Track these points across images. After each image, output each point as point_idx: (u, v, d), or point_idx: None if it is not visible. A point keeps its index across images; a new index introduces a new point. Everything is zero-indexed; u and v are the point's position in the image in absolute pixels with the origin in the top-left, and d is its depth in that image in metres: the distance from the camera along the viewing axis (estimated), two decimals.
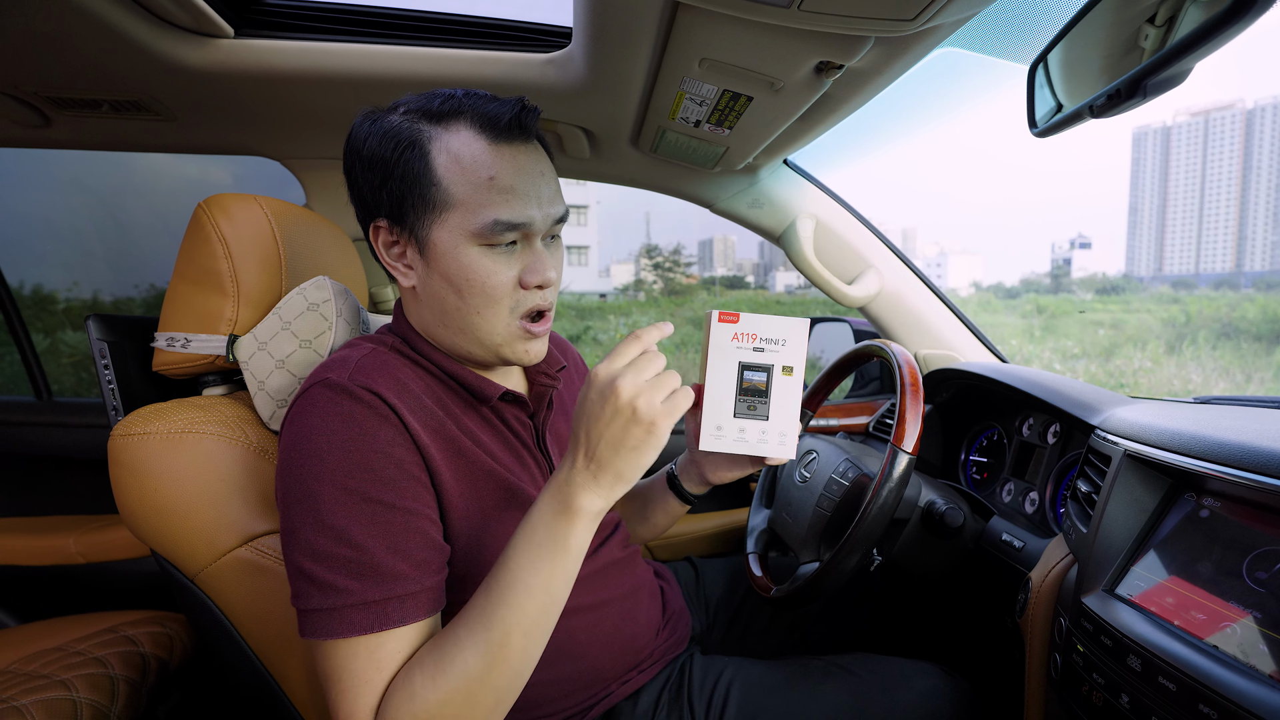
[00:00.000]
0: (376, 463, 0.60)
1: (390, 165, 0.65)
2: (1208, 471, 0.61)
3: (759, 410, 0.66)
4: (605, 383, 0.56)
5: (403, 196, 0.65)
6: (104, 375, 0.86)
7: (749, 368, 0.66)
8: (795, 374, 0.66)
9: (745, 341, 0.65)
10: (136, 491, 0.74)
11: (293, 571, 0.59)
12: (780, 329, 0.66)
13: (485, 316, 0.67)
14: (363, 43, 1.03)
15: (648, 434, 0.55)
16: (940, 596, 1.10)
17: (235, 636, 0.77)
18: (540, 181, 0.67)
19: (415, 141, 0.64)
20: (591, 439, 0.56)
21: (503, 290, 0.67)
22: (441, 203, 0.64)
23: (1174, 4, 0.55)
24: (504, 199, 0.64)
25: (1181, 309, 27.66)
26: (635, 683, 0.82)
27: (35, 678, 0.99)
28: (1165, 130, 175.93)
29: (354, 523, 0.58)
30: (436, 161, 0.64)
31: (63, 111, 1.18)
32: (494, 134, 0.64)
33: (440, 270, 0.66)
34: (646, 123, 1.13)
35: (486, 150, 0.64)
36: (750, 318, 0.66)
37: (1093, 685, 0.63)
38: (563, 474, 0.58)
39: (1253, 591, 0.55)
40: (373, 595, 0.57)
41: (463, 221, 0.64)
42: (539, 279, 0.67)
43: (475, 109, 0.64)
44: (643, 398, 0.54)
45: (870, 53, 0.79)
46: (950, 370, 1.27)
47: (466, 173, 0.63)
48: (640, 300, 23.17)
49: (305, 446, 0.60)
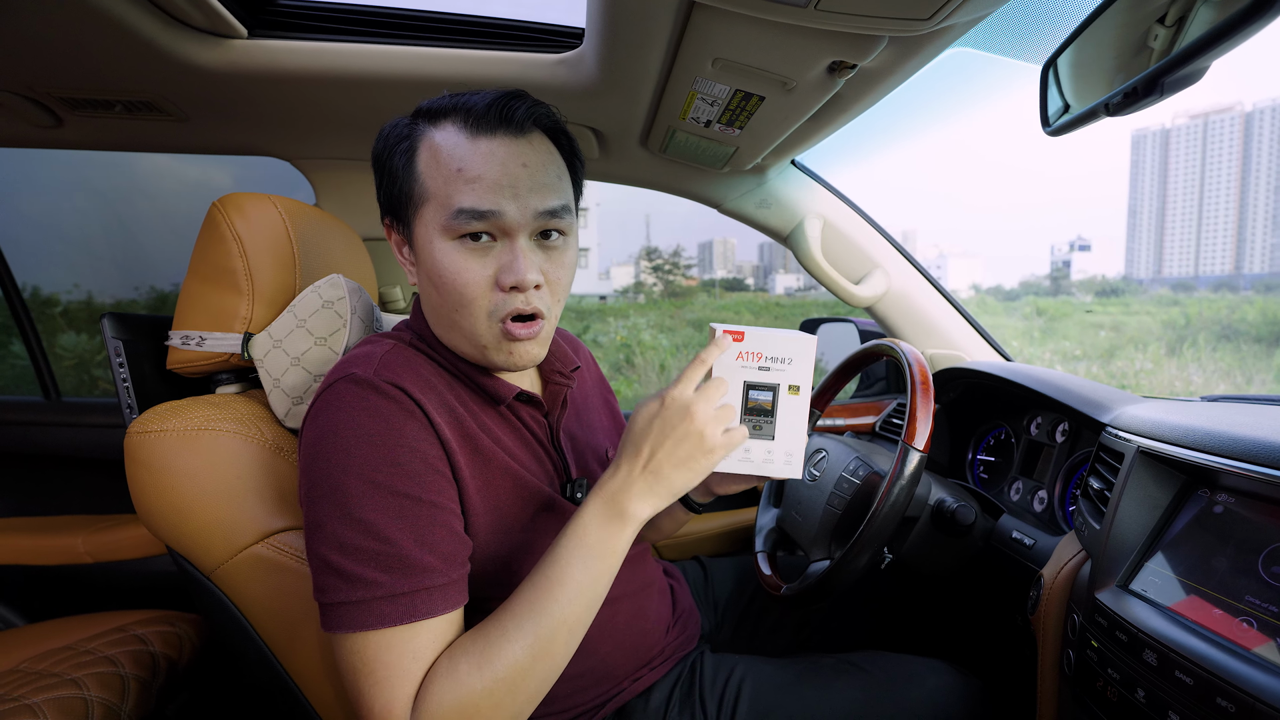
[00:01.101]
0: (403, 457, 0.61)
1: (385, 164, 0.67)
2: (1221, 467, 0.62)
3: (764, 430, 0.65)
4: (682, 405, 0.60)
5: (393, 194, 0.67)
6: (119, 374, 0.86)
7: (754, 387, 0.65)
8: (802, 393, 0.65)
9: (750, 360, 0.65)
10: (153, 488, 0.74)
11: (318, 565, 0.60)
12: (787, 347, 0.64)
13: (464, 316, 0.65)
14: (375, 43, 1.04)
15: (706, 457, 0.61)
16: (950, 594, 1.10)
17: (251, 633, 0.77)
18: (520, 172, 0.63)
19: (408, 138, 0.65)
20: (657, 454, 0.60)
21: (475, 290, 0.64)
22: (419, 197, 0.65)
23: (1184, 5, 0.56)
24: (470, 188, 0.62)
25: (1181, 311, 27.68)
26: (646, 680, 0.83)
27: (46, 676, 0.99)
28: (1164, 133, 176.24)
29: (382, 516, 0.59)
30: (420, 158, 0.64)
31: (75, 112, 1.18)
32: (474, 128, 0.63)
33: (424, 267, 0.67)
34: (656, 123, 1.14)
35: (463, 144, 0.63)
36: (755, 335, 0.64)
37: (1107, 681, 0.63)
38: (616, 481, 0.61)
39: (1268, 586, 0.55)
40: (402, 588, 0.58)
41: (435, 215, 0.64)
42: (513, 279, 0.63)
43: (462, 105, 0.64)
44: (711, 426, 0.60)
45: (883, 52, 0.79)
46: (957, 369, 1.27)
47: (440, 166, 0.63)
48: (640, 302, 23.17)
49: (331, 441, 0.60)
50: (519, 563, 0.71)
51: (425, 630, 0.58)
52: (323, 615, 0.59)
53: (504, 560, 0.70)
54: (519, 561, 0.71)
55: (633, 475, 0.61)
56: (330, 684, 0.78)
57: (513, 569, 0.71)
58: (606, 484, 0.62)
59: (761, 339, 0.64)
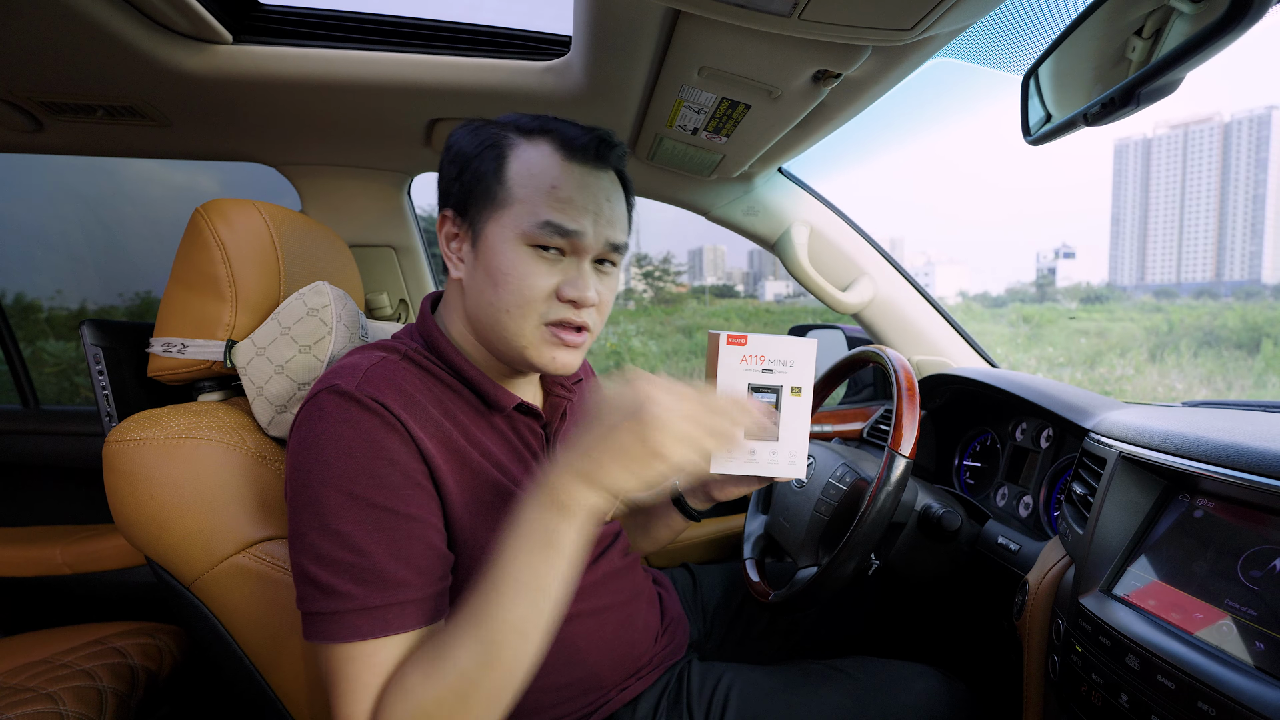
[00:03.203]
0: (382, 469, 0.60)
1: (469, 160, 0.69)
2: (1201, 472, 0.62)
3: (769, 431, 0.66)
4: (638, 396, 0.53)
5: (471, 189, 0.69)
6: (98, 381, 0.85)
7: (758, 389, 0.66)
8: (804, 394, 0.67)
9: (754, 363, 0.66)
10: (132, 498, 0.73)
11: (298, 575, 0.60)
12: (788, 350, 0.66)
13: (514, 317, 0.68)
14: (361, 50, 1.03)
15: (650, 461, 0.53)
16: (937, 600, 1.11)
17: (231, 645, 0.76)
18: (604, 203, 0.68)
19: (498, 145, 0.68)
20: (598, 443, 0.54)
21: (537, 294, 0.67)
22: (503, 200, 0.67)
23: (1161, 17, 0.57)
24: (560, 206, 0.66)
25: (1164, 317, 28.10)
26: (634, 690, 0.82)
27: (20, 691, 0.96)
28: (1146, 142, 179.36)
29: (358, 528, 0.58)
30: (511, 165, 0.67)
31: (57, 117, 1.17)
32: (569, 153, 0.67)
33: (485, 263, 0.68)
34: (644, 130, 1.14)
35: (558, 164, 0.67)
36: (758, 340, 0.66)
37: (1091, 685, 0.64)
38: (555, 468, 0.56)
39: (1247, 590, 0.56)
40: (374, 601, 0.57)
41: (517, 219, 0.66)
42: (577, 294, 0.67)
43: (560, 130, 0.68)
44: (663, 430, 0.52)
45: (867, 62, 0.80)
46: (943, 376, 1.28)
47: (534, 178, 0.66)
48: (630, 309, 23.18)
49: (311, 451, 0.60)
50: None
51: (390, 645, 0.57)
52: (304, 624, 0.59)
53: None
54: None
55: (570, 461, 0.55)
56: (311, 696, 0.77)
57: None
58: (547, 472, 0.56)
59: (764, 342, 0.66)
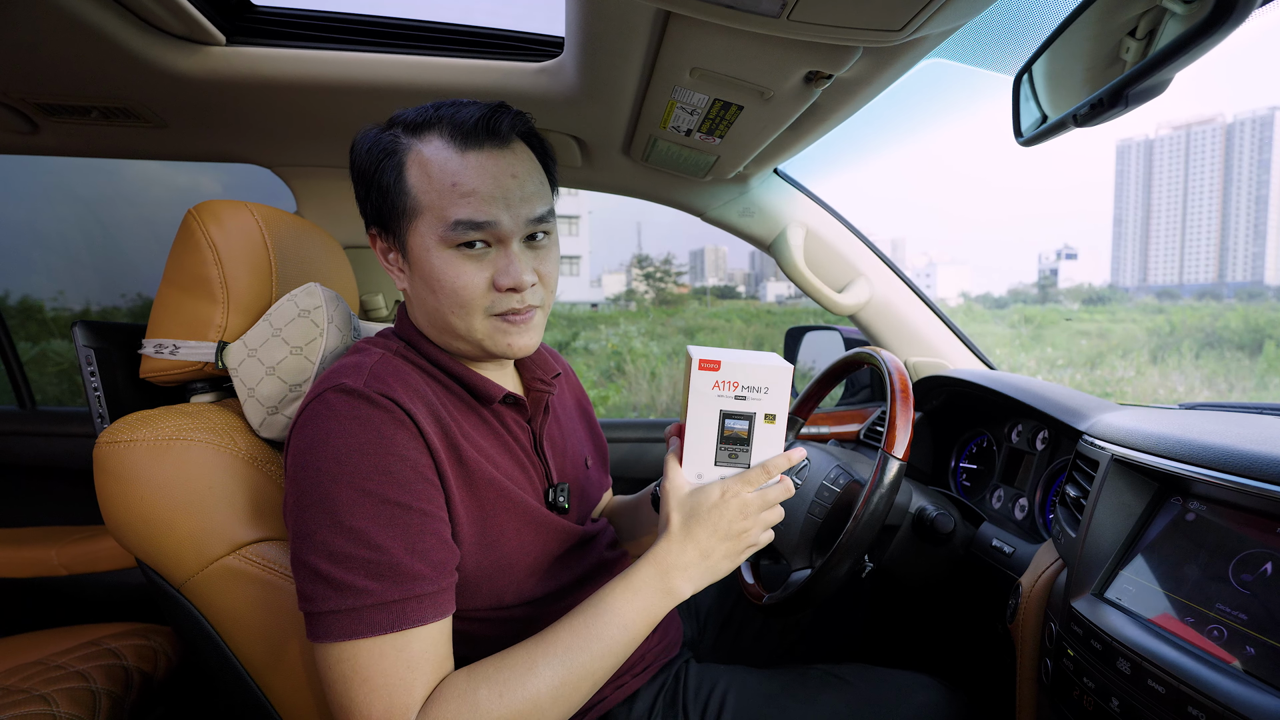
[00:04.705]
0: (394, 465, 0.61)
1: (370, 177, 0.68)
2: (1193, 475, 0.62)
3: (740, 459, 0.66)
4: (742, 504, 0.64)
5: (380, 206, 0.69)
6: (90, 382, 0.85)
7: (730, 416, 0.65)
8: (778, 421, 0.66)
9: (727, 390, 0.65)
10: (122, 499, 0.73)
11: (306, 575, 0.59)
12: (762, 377, 0.65)
13: (460, 317, 0.68)
14: (355, 51, 1.03)
15: (748, 550, 0.66)
16: (931, 603, 1.10)
17: (222, 646, 0.76)
18: (510, 184, 0.67)
19: (393, 152, 0.67)
20: (715, 545, 0.64)
21: (474, 292, 0.67)
22: (412, 210, 0.67)
23: (1154, 17, 0.57)
24: (466, 201, 0.65)
25: (1166, 319, 28.01)
26: (629, 687, 0.82)
27: (14, 692, 0.96)
28: (1148, 143, 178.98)
29: (373, 524, 0.59)
30: (409, 172, 0.66)
31: (51, 118, 1.17)
32: (463, 141, 0.66)
33: (419, 273, 0.69)
34: (638, 131, 1.14)
35: (453, 158, 0.65)
36: (731, 365, 0.64)
37: (1083, 689, 0.63)
38: (672, 557, 0.64)
39: (1238, 594, 0.56)
40: (393, 595, 0.58)
41: (431, 226, 0.66)
42: (510, 281, 0.67)
43: (447, 118, 0.67)
44: (760, 528, 0.66)
45: (859, 63, 0.80)
46: (940, 377, 1.28)
47: (433, 180, 0.65)
48: (631, 310, 23.17)
49: (321, 450, 0.61)
50: (500, 573, 0.71)
51: (417, 638, 0.59)
52: (309, 625, 0.59)
53: (485, 571, 0.70)
54: (500, 572, 0.71)
55: (687, 558, 0.64)
56: (302, 697, 0.77)
57: (494, 579, 0.70)
58: (663, 557, 0.64)
59: (737, 368, 0.64)
